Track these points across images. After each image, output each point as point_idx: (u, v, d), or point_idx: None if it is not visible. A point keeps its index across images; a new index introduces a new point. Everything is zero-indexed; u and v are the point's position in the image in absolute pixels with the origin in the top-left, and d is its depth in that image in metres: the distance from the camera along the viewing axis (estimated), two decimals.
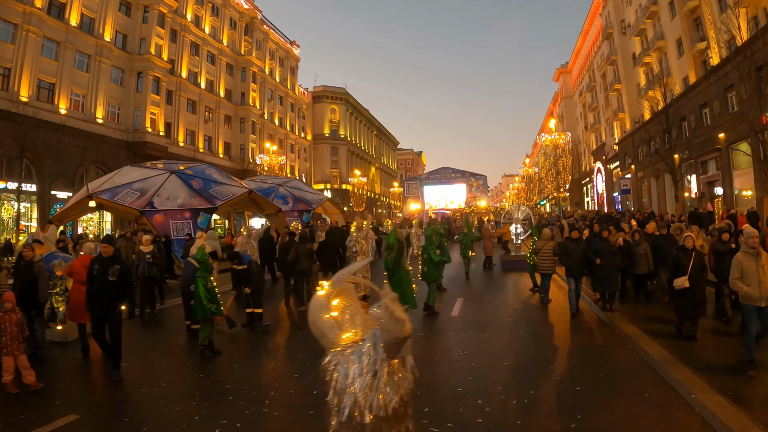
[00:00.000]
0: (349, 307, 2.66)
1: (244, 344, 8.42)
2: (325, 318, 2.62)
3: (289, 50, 59.06)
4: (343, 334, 2.62)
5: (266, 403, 5.62)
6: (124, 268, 6.42)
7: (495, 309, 10.59)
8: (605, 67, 45.48)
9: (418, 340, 8.23)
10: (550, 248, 10.69)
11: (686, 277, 7.18)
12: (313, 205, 26.33)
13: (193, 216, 17.41)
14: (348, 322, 2.64)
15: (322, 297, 2.68)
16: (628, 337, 7.70)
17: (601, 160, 47.31)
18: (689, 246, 7.42)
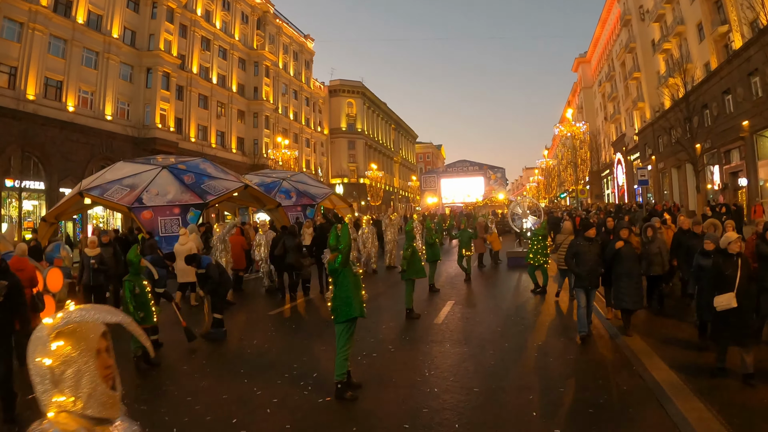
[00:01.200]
0: (76, 361, 1.38)
1: (193, 354, 7.37)
2: (36, 362, 1.35)
3: (303, 44, 58.07)
4: (55, 396, 1.38)
5: None
6: (13, 285, 5.25)
7: (485, 316, 9.27)
8: (624, 55, 43.38)
9: (383, 353, 7.04)
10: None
11: (733, 294, 5.33)
12: (317, 199, 25.29)
13: (183, 212, 16.53)
14: (68, 381, 1.35)
15: (45, 327, 1.37)
16: (634, 355, 6.33)
17: (621, 152, 45.28)
18: (734, 251, 5.49)
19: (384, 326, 8.63)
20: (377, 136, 77.88)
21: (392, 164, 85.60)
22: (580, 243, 7.44)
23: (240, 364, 6.90)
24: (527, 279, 13.34)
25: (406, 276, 9.19)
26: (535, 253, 11.24)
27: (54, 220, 19.05)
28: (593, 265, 7.26)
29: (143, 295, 6.91)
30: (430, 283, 11.94)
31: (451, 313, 9.48)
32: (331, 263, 5.62)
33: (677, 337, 7.10)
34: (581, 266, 7.28)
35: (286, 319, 9.69)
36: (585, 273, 7.22)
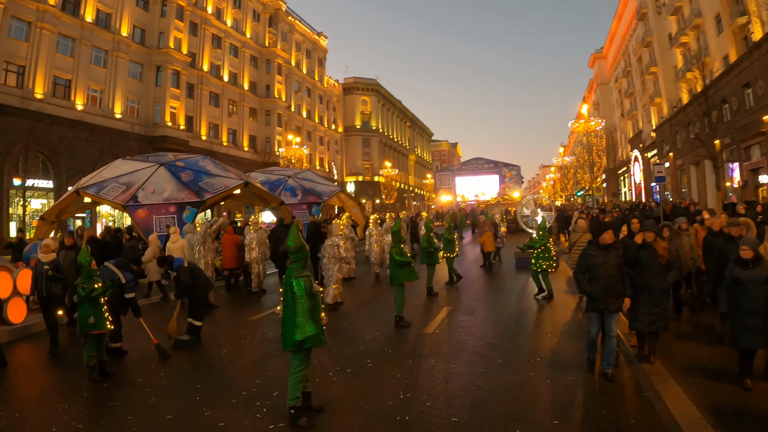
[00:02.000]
0: None
1: (154, 364, 6.63)
2: None
3: (316, 41, 57.46)
4: None
5: None
6: None
7: (482, 325, 8.35)
8: (641, 50, 41.94)
9: (359, 368, 6.21)
10: (585, 240, 8.86)
11: None
12: (323, 197, 24.53)
13: (179, 210, 15.90)
14: None
15: None
16: (646, 378, 5.36)
17: (638, 148, 43.82)
18: None
19: (368, 336, 7.79)
20: (392, 134, 77.00)
21: (407, 162, 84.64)
22: (593, 252, 5.63)
23: (199, 378, 6.16)
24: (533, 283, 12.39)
25: (395, 281, 8.33)
26: (537, 258, 10.23)
27: (55, 219, 18.69)
28: (611, 281, 5.46)
29: (95, 299, 6.26)
30: (428, 287, 11.07)
31: (445, 321, 8.59)
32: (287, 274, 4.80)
33: (700, 357, 6.09)
34: (595, 283, 5.51)
35: (265, 325, 8.92)
36: (599, 291, 5.47)
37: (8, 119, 24.00)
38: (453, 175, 58.63)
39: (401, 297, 8.30)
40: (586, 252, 5.77)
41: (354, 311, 9.85)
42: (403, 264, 8.23)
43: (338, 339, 7.68)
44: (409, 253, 8.82)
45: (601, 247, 5.63)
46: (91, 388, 6.00)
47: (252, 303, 11.17)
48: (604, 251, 5.60)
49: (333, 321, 9.03)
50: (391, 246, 8.50)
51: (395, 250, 8.31)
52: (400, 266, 8.23)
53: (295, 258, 4.87)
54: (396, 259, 8.22)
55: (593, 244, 5.78)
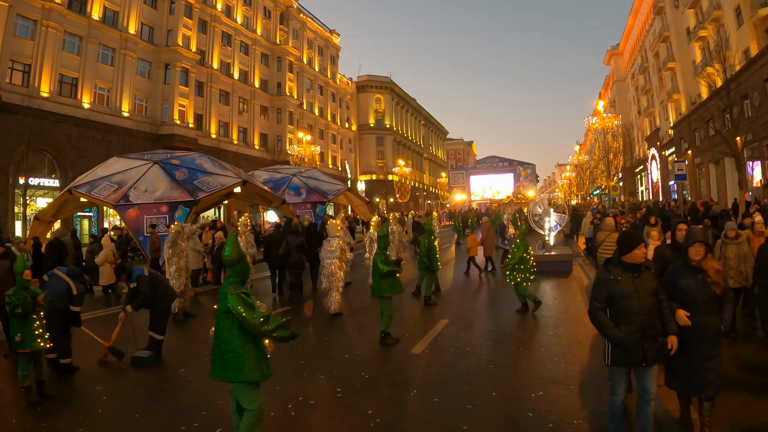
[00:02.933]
0: None
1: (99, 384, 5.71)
2: None
3: (328, 39, 56.56)
4: None
5: None
6: None
7: (480, 343, 7.24)
8: (658, 45, 40.17)
9: (323, 400, 5.18)
10: (613, 240, 8.67)
11: None
12: (329, 195, 23.61)
13: (171, 210, 15.12)
14: None
15: None
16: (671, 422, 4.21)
17: (656, 146, 42.22)
18: None
19: (347, 355, 6.75)
20: (406, 132, 75.82)
21: (422, 161, 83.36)
22: (617, 276, 3.75)
23: (140, 405, 5.27)
24: (546, 290, 11.21)
25: (378, 292, 7.27)
26: (512, 269, 8.78)
27: (52, 219, 18.11)
28: (648, 318, 3.65)
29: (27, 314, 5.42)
30: (426, 295, 9.99)
31: (438, 338, 7.50)
32: (222, 291, 3.80)
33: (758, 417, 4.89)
34: (625, 323, 3.63)
35: None
36: (630, 337, 3.61)
37: (13, 118, 23.56)
38: (467, 173, 57.29)
39: (389, 311, 7.25)
40: (605, 277, 3.81)
41: (339, 323, 8.83)
42: (388, 274, 7.16)
43: (312, 358, 6.68)
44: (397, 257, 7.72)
45: (629, 267, 3.73)
46: (22, 412, 5.20)
47: None
48: (634, 274, 3.71)
49: (313, 335, 8.03)
50: (375, 252, 7.44)
51: (380, 257, 7.25)
52: (384, 276, 7.17)
53: (233, 272, 3.87)
54: (379, 268, 7.16)
55: (616, 264, 3.81)
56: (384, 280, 7.19)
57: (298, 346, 7.27)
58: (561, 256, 14.37)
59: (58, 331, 6.34)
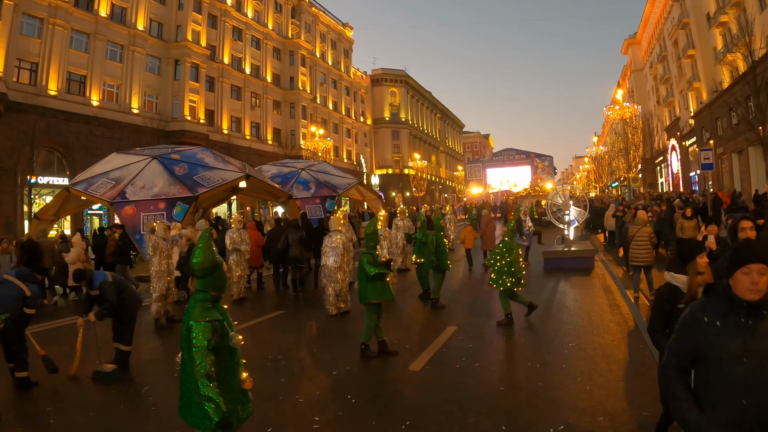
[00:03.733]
0: None
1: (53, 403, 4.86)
2: None
3: (341, 32, 55.52)
4: None
5: None
6: None
7: (491, 358, 6.16)
8: (677, 33, 38.38)
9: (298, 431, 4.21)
10: (646, 234, 8.53)
11: None
12: (339, 190, 22.60)
13: (169, 207, 14.35)
14: None
15: None
16: None
17: (675, 137, 40.59)
18: None
19: (336, 372, 5.78)
20: (422, 125, 74.47)
21: (438, 154, 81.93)
22: (716, 320, 2.09)
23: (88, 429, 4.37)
24: (566, 290, 10.07)
25: (364, 298, 6.26)
26: (498, 272, 7.48)
27: (54, 217, 17.59)
28: (755, 405, 1.99)
29: None
30: (433, 297, 8.96)
31: (443, 349, 6.47)
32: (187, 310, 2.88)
33: None
34: (712, 400, 2.08)
35: None
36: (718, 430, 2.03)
37: (21, 117, 23.19)
38: (484, 166, 55.61)
39: (372, 320, 6.24)
40: (695, 317, 2.17)
41: (334, 329, 7.87)
42: (375, 277, 6.15)
43: (294, 375, 5.74)
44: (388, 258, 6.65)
45: (742, 307, 2.06)
46: None
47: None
48: (748, 319, 2.05)
49: (302, 344, 7.09)
50: (362, 252, 6.42)
51: (366, 257, 6.22)
52: (371, 279, 6.15)
53: (204, 285, 2.94)
54: (366, 270, 6.15)
55: (719, 299, 2.14)
56: (371, 284, 6.17)
57: (281, 359, 6.35)
58: (582, 252, 13.17)
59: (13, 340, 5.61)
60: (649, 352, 5.97)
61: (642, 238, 8.49)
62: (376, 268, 6.19)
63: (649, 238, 8.48)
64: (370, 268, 6.16)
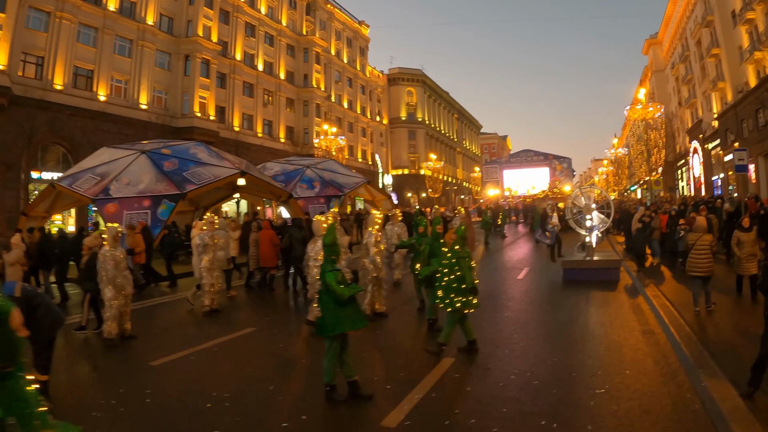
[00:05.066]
0: None
1: None
2: None
3: (357, 30, 54.15)
4: None
5: None
6: None
7: (495, 410, 4.62)
8: (700, 32, 36.33)
9: None
10: (707, 243, 7.69)
11: None
12: (344, 189, 21.32)
13: (154, 204, 13.18)
14: None
15: None
16: None
17: (698, 139, 38.49)
18: None
19: (288, 424, 4.34)
20: (439, 125, 72.70)
21: (455, 155, 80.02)
22: None
23: None
24: (590, 310, 8.46)
25: (332, 329, 4.81)
26: (446, 290, 5.91)
27: (45, 214, 16.61)
28: None
29: None
30: (430, 318, 7.43)
31: (432, 394, 4.96)
32: None
33: None
34: None
35: (165, 376, 5.69)
36: None
37: (26, 111, 22.34)
38: (500, 167, 53.68)
39: (333, 355, 4.82)
40: None
41: (306, 356, 6.41)
42: (348, 301, 4.69)
43: (233, 427, 4.31)
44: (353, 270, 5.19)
45: None
46: None
47: (185, 332, 7.99)
48: None
49: (262, 377, 5.65)
50: (322, 267, 4.95)
51: (332, 275, 4.75)
52: (342, 304, 4.70)
53: None
54: (335, 292, 4.68)
55: None
56: (342, 309, 4.72)
57: (227, 399, 4.94)
58: (606, 261, 11.47)
59: None
60: (700, 405, 4.43)
61: (702, 247, 7.66)
62: (346, 288, 4.73)
63: (710, 247, 7.68)
64: (341, 290, 4.70)
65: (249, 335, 7.45)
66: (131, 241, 9.85)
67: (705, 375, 5.13)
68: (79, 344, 7.33)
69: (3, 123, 21.59)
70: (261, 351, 6.68)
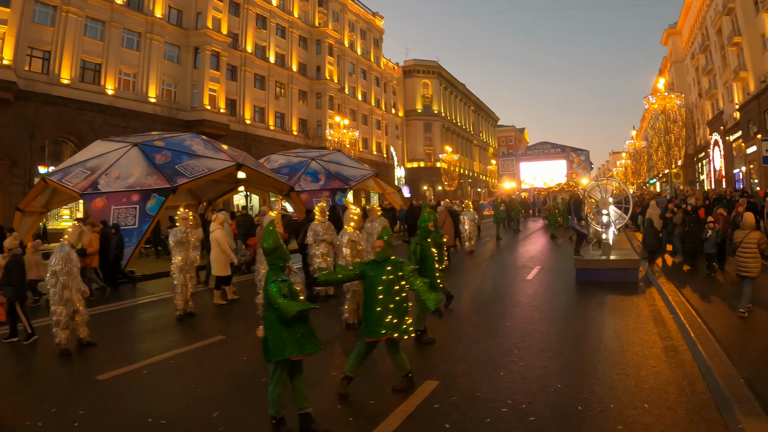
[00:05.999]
0: None
1: None
2: None
3: (371, 21, 52.92)
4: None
5: None
6: None
7: None
8: (720, 20, 34.30)
9: None
10: (755, 240, 6.90)
11: None
12: (350, 182, 20.39)
13: (143, 199, 12.47)
14: None
15: None
16: None
17: (719, 131, 36.62)
18: None
19: None
20: (455, 118, 71.11)
21: (471, 148, 78.32)
22: None
23: None
24: (604, 318, 7.38)
25: (278, 354, 3.89)
26: (398, 312, 4.65)
27: (43, 209, 16.16)
28: None
29: None
30: (418, 329, 6.39)
31: (406, 426, 4.02)
32: None
33: None
34: None
35: (112, 393, 4.88)
36: None
37: (32, 106, 21.98)
38: (517, 160, 52.16)
39: (281, 383, 3.95)
40: None
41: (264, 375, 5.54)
42: (296, 319, 3.78)
43: None
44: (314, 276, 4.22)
45: None
46: None
47: (147, 340, 7.20)
48: None
49: (211, 398, 4.78)
50: (266, 278, 4.03)
51: (275, 286, 3.83)
52: (288, 324, 3.79)
53: None
54: (280, 307, 3.75)
55: None
56: (288, 330, 3.80)
57: (162, 426, 4.09)
58: (624, 261, 10.29)
59: None
60: None
61: (750, 244, 6.93)
62: (296, 302, 3.81)
63: (758, 244, 6.89)
64: (285, 305, 3.77)
65: (214, 345, 6.60)
66: (87, 240, 9.06)
67: (741, 412, 4.06)
68: (28, 354, 6.59)
69: (9, 118, 21.28)
70: (220, 366, 5.82)
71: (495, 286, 10.10)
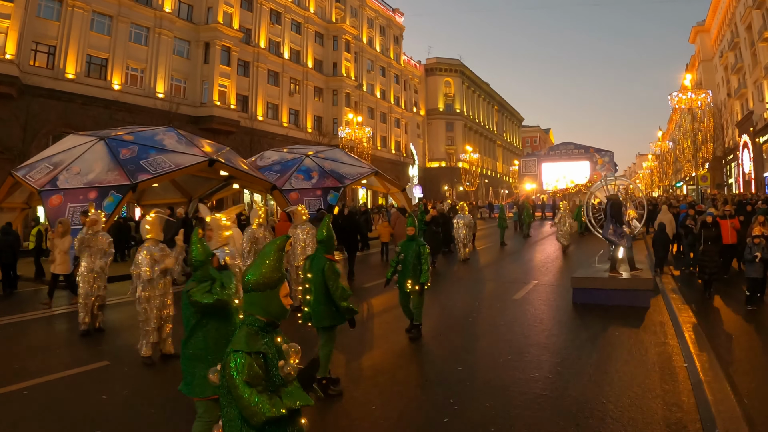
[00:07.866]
0: None
1: None
2: None
3: (390, 18, 51.11)
4: None
5: None
6: None
7: None
8: (750, 15, 31.26)
9: None
10: None
11: None
12: (345, 180, 18.74)
13: (100, 196, 11.22)
14: None
15: None
16: None
17: (748, 133, 33.26)
18: None
19: None
20: (478, 117, 68.56)
21: (495, 148, 75.54)
22: None
23: None
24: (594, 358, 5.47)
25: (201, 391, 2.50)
26: None
27: (24, 205, 15.24)
28: None
29: None
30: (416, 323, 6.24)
31: None
32: None
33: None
34: None
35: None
36: None
37: (36, 101, 21.35)
38: (539, 160, 49.47)
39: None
40: None
41: (142, 403, 4.00)
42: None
43: None
44: None
45: None
46: None
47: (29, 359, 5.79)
48: None
49: None
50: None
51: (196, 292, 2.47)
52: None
53: None
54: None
55: None
56: None
57: None
58: (634, 281, 8.30)
59: None
60: None
61: None
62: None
63: None
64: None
65: (91, 372, 5.12)
66: None
67: None
68: None
69: (11, 113, 20.66)
70: (79, 401, 4.32)
71: (466, 311, 7.99)
